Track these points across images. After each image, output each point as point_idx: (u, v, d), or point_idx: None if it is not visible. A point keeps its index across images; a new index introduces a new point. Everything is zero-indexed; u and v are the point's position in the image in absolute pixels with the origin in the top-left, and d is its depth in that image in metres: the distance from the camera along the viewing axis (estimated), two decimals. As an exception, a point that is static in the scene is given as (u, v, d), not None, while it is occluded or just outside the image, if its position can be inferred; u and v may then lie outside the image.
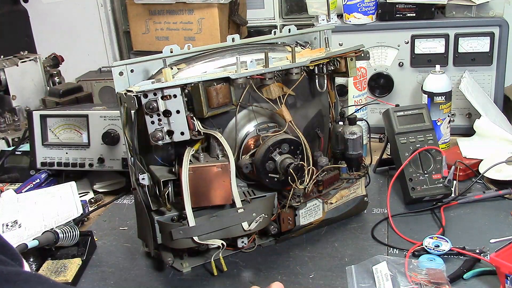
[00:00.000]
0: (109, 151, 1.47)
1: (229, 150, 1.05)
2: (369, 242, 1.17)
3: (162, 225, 1.05)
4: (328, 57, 1.14)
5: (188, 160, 1.03)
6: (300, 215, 1.16)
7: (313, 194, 1.17)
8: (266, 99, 1.10)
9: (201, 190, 1.03)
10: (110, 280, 1.11)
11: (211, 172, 1.03)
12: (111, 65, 1.05)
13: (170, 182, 1.06)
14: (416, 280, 0.99)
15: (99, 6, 2.46)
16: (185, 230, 1.02)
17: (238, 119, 1.11)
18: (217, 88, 1.01)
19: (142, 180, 1.04)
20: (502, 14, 1.61)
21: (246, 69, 1.06)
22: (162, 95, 0.98)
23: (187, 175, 1.02)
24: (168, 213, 1.06)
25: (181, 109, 0.99)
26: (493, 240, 1.12)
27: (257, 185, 1.13)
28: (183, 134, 1.00)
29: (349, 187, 1.23)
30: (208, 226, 1.03)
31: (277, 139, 1.07)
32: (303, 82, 1.16)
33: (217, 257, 1.09)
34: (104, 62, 2.44)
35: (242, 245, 1.12)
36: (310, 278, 1.06)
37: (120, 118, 1.05)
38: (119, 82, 1.03)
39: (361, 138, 1.22)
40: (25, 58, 1.92)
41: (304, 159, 1.09)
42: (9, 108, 1.87)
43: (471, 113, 1.67)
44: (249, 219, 1.06)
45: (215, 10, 2.05)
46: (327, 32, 1.26)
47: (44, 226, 1.19)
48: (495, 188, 1.33)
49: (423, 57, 1.65)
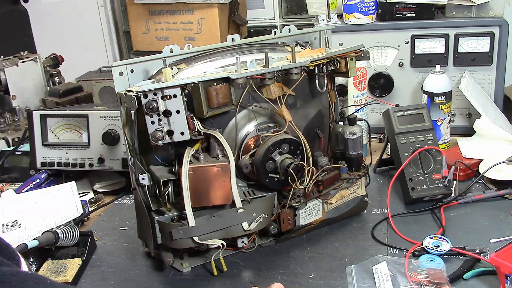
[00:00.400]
0: (109, 151, 1.47)
1: (229, 150, 1.05)
2: (369, 242, 1.17)
3: (162, 225, 1.05)
4: (328, 57, 1.14)
5: (188, 160, 1.03)
6: (300, 215, 1.16)
7: (313, 194, 1.17)
8: (266, 99, 1.10)
9: (201, 190, 1.03)
10: (110, 280, 1.11)
11: (211, 172, 1.03)
12: (111, 65, 1.05)
13: (170, 182, 1.06)
14: (416, 280, 0.99)
15: (99, 6, 2.46)
16: (185, 230, 1.02)
17: (238, 119, 1.11)
18: (217, 88, 1.01)
19: (142, 180, 1.04)
20: (502, 14, 1.61)
21: (246, 69, 1.06)
22: (162, 95, 0.98)
23: (187, 175, 1.01)
24: (168, 213, 1.06)
25: (181, 109, 0.99)
26: (493, 240, 1.12)
27: (257, 185, 1.12)
28: (183, 134, 1.00)
29: (349, 187, 1.23)
30: (208, 226, 1.03)
31: (277, 139, 1.07)
32: (303, 82, 1.16)
33: (217, 257, 1.09)
34: (104, 62, 2.44)
35: (242, 245, 1.12)
36: (310, 278, 1.06)
37: (120, 118, 1.05)
38: (119, 82, 1.03)
39: (361, 138, 1.22)
40: (25, 58, 1.92)
41: (304, 159, 1.09)
42: (9, 108, 1.87)
43: (471, 113, 1.67)
44: (249, 219, 1.06)
45: (215, 10, 2.05)
46: (327, 32, 1.26)
47: (44, 226, 1.19)
48: (495, 188, 1.33)
49: (423, 57, 1.65)
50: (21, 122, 1.84)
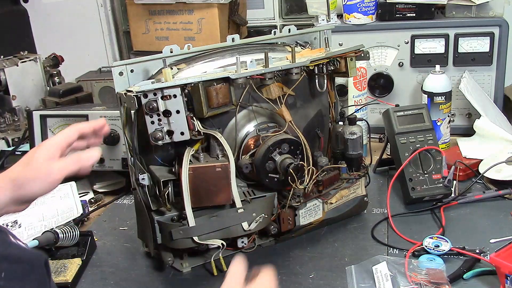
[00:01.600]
0: (109, 151, 1.47)
1: (229, 150, 1.05)
2: (369, 242, 1.17)
3: (162, 225, 1.05)
4: (328, 57, 1.14)
5: (188, 160, 1.03)
6: (300, 215, 1.16)
7: (313, 194, 1.17)
8: (266, 99, 1.10)
9: (201, 190, 1.03)
10: (110, 280, 1.11)
11: (211, 172, 1.03)
12: (111, 65, 1.05)
13: (170, 182, 1.06)
14: (416, 280, 0.99)
15: (99, 6, 2.46)
16: (185, 230, 1.02)
17: (238, 119, 1.11)
18: (217, 88, 1.01)
19: (142, 180, 1.04)
20: (502, 14, 1.61)
21: (246, 69, 1.06)
22: (162, 95, 0.98)
23: (187, 175, 1.01)
24: (168, 213, 1.06)
25: (181, 109, 0.99)
26: (493, 240, 1.12)
27: (257, 185, 1.12)
28: (183, 134, 1.00)
29: (349, 187, 1.23)
30: (208, 226, 1.03)
31: (277, 139, 1.07)
32: (303, 82, 1.16)
33: (217, 257, 1.09)
34: (104, 62, 2.44)
35: (242, 245, 1.12)
36: (310, 278, 1.06)
37: (120, 118, 1.05)
38: (119, 82, 1.03)
39: (361, 138, 1.23)
40: (25, 58, 1.92)
41: (304, 159, 1.09)
42: (9, 108, 1.87)
43: (471, 113, 1.67)
44: (249, 219, 1.06)
45: (215, 10, 2.05)
46: (327, 32, 1.25)
47: (44, 226, 1.19)
48: (495, 188, 1.33)
49: (423, 57, 1.65)
50: (21, 122, 1.84)
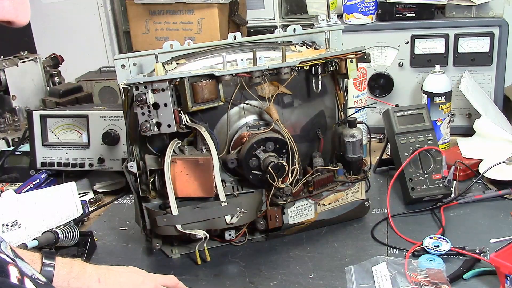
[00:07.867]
0: (109, 151, 1.47)
1: (211, 144, 1.07)
2: (369, 242, 1.17)
3: (149, 211, 1.11)
4: (322, 58, 1.12)
5: (171, 151, 1.07)
6: (288, 214, 1.17)
7: (302, 194, 1.17)
8: (256, 97, 1.11)
9: (183, 181, 1.07)
10: (110, 280, 1.11)
11: (192, 164, 1.07)
12: (113, 60, 1.10)
13: (157, 171, 1.09)
14: (416, 280, 0.99)
15: (99, 6, 2.46)
16: (169, 218, 1.07)
17: (231, 115, 1.13)
18: (202, 84, 1.04)
19: (131, 168, 1.10)
20: (502, 14, 1.61)
21: (237, 67, 1.07)
22: (152, 88, 1.02)
23: (169, 165, 1.06)
24: (156, 201, 1.11)
25: (168, 102, 1.03)
26: (493, 240, 1.12)
27: (247, 181, 1.13)
28: (170, 127, 1.04)
29: (345, 190, 1.22)
30: (191, 216, 1.07)
31: (261, 137, 1.09)
32: (302, 82, 1.16)
33: (202, 248, 1.11)
34: (104, 62, 2.44)
35: (230, 237, 1.15)
36: (310, 278, 1.06)
37: (123, 107, 1.10)
38: (121, 74, 1.08)
39: (361, 141, 1.21)
40: (25, 58, 1.92)
41: (289, 158, 1.09)
42: (9, 108, 1.87)
43: (471, 113, 1.67)
44: (233, 213, 1.08)
45: (215, 10, 2.05)
46: (337, 33, 1.23)
47: (44, 226, 1.19)
48: (495, 188, 1.33)
49: (423, 57, 1.65)
50: (21, 122, 1.84)
